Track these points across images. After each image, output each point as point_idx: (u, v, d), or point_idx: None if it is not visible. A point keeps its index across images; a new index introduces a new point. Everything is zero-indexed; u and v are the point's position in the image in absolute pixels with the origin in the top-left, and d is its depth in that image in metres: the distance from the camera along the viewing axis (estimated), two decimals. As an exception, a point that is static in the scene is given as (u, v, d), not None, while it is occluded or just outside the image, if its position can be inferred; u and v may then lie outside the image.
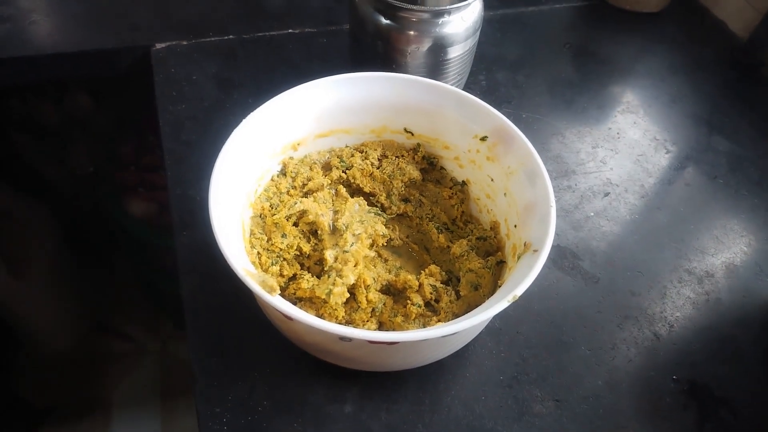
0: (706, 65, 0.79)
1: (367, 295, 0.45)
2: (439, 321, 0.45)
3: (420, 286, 0.47)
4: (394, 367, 0.46)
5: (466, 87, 0.70)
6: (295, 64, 0.72)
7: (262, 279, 0.39)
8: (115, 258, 1.34)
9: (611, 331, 0.52)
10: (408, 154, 0.55)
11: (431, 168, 0.55)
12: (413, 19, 0.58)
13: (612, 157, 0.66)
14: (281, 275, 0.46)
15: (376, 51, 0.61)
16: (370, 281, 0.45)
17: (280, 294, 0.39)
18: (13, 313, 1.07)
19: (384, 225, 0.51)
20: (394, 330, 0.45)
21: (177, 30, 0.73)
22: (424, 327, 0.44)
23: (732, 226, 0.61)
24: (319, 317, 0.41)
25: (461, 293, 0.46)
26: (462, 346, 0.47)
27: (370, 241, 0.49)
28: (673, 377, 0.49)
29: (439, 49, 0.60)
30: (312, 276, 0.46)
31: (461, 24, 0.59)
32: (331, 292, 0.43)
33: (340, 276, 0.45)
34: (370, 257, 0.49)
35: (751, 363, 0.51)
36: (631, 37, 0.82)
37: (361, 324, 0.45)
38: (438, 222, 0.53)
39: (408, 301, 0.46)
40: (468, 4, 0.58)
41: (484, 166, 0.51)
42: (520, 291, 0.38)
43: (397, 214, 0.53)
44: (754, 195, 0.64)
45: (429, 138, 0.54)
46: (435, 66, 0.62)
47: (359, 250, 0.47)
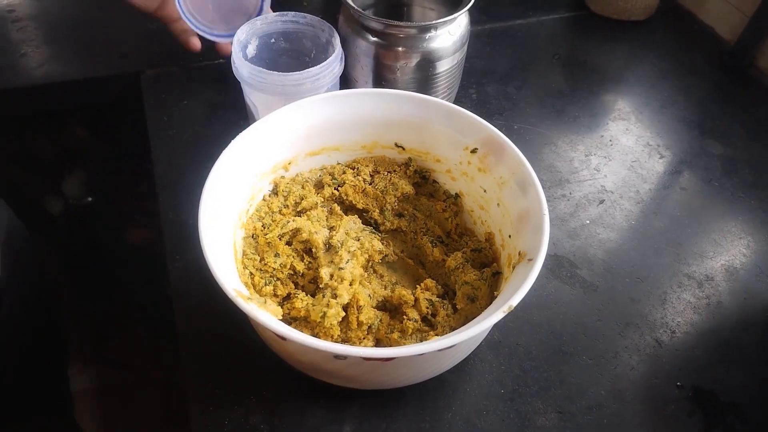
0: (695, 70, 0.79)
1: (358, 316, 0.44)
2: (436, 335, 0.44)
3: (416, 301, 0.46)
4: (393, 384, 0.45)
5: (457, 101, 0.70)
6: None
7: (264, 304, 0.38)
8: (115, 286, 1.33)
9: (612, 339, 0.51)
10: (400, 169, 0.55)
11: (424, 182, 0.55)
12: (400, 35, 0.58)
13: (606, 165, 0.66)
14: (275, 295, 0.46)
15: (365, 68, 0.62)
16: (363, 301, 0.45)
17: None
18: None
19: (379, 241, 0.50)
20: (391, 346, 0.44)
21: (166, 56, 0.74)
22: (421, 342, 0.44)
23: (730, 229, 0.60)
24: (315, 336, 0.41)
25: (458, 306, 0.46)
26: (461, 359, 0.46)
27: (366, 256, 0.49)
28: (677, 383, 0.48)
29: (427, 63, 0.60)
30: (306, 295, 0.46)
31: (448, 38, 0.59)
32: (325, 315, 0.43)
33: (334, 296, 0.44)
34: (365, 275, 0.49)
35: (755, 366, 0.50)
36: (620, 46, 0.83)
37: (357, 342, 0.44)
38: (432, 235, 0.52)
39: (404, 316, 0.45)
40: (454, 19, 0.58)
41: (477, 177, 0.50)
42: (515, 301, 0.37)
43: (391, 230, 0.53)
44: (750, 197, 0.64)
45: (420, 152, 0.54)
46: (424, 81, 0.62)
47: (355, 267, 0.47)
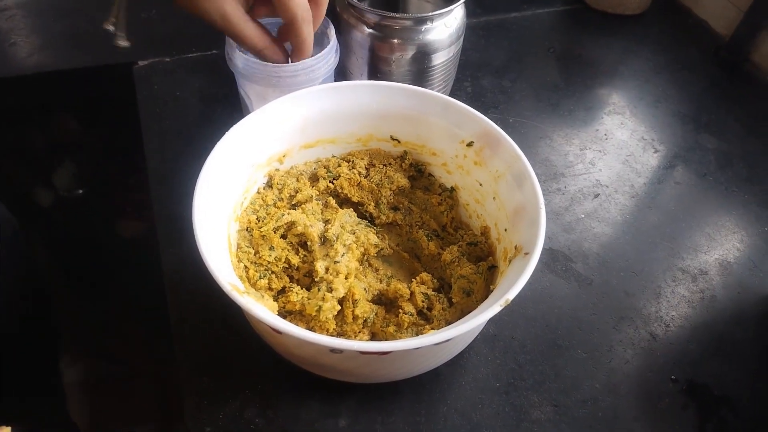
0: (690, 64, 0.79)
1: (354, 310, 0.44)
2: (432, 329, 0.44)
3: (411, 294, 0.46)
4: (388, 377, 0.45)
5: (453, 94, 0.70)
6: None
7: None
8: (107, 279, 1.33)
9: (607, 332, 0.51)
10: (395, 162, 0.54)
11: (419, 175, 0.55)
12: (396, 27, 0.58)
13: (600, 159, 0.66)
14: (270, 288, 0.45)
15: (360, 60, 0.61)
16: (359, 295, 0.45)
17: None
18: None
19: (375, 234, 0.50)
20: (386, 340, 0.44)
21: (159, 47, 0.73)
22: (417, 336, 0.43)
23: (724, 223, 0.61)
24: (310, 330, 0.40)
25: (453, 300, 0.46)
26: (457, 353, 0.46)
27: (362, 250, 0.48)
28: (672, 377, 0.49)
29: (423, 56, 0.60)
30: (301, 288, 0.46)
31: (444, 30, 0.59)
32: (321, 308, 0.42)
33: (330, 289, 0.44)
34: (360, 268, 0.48)
35: (748, 359, 0.50)
36: (615, 40, 0.83)
37: (353, 335, 0.44)
38: (428, 229, 0.52)
39: (400, 310, 0.45)
40: (450, 11, 0.58)
41: (472, 171, 0.50)
42: (512, 295, 0.37)
43: (386, 223, 0.53)
44: (744, 191, 0.64)
45: (416, 145, 0.53)
46: (420, 73, 0.61)
47: (350, 260, 0.46)
